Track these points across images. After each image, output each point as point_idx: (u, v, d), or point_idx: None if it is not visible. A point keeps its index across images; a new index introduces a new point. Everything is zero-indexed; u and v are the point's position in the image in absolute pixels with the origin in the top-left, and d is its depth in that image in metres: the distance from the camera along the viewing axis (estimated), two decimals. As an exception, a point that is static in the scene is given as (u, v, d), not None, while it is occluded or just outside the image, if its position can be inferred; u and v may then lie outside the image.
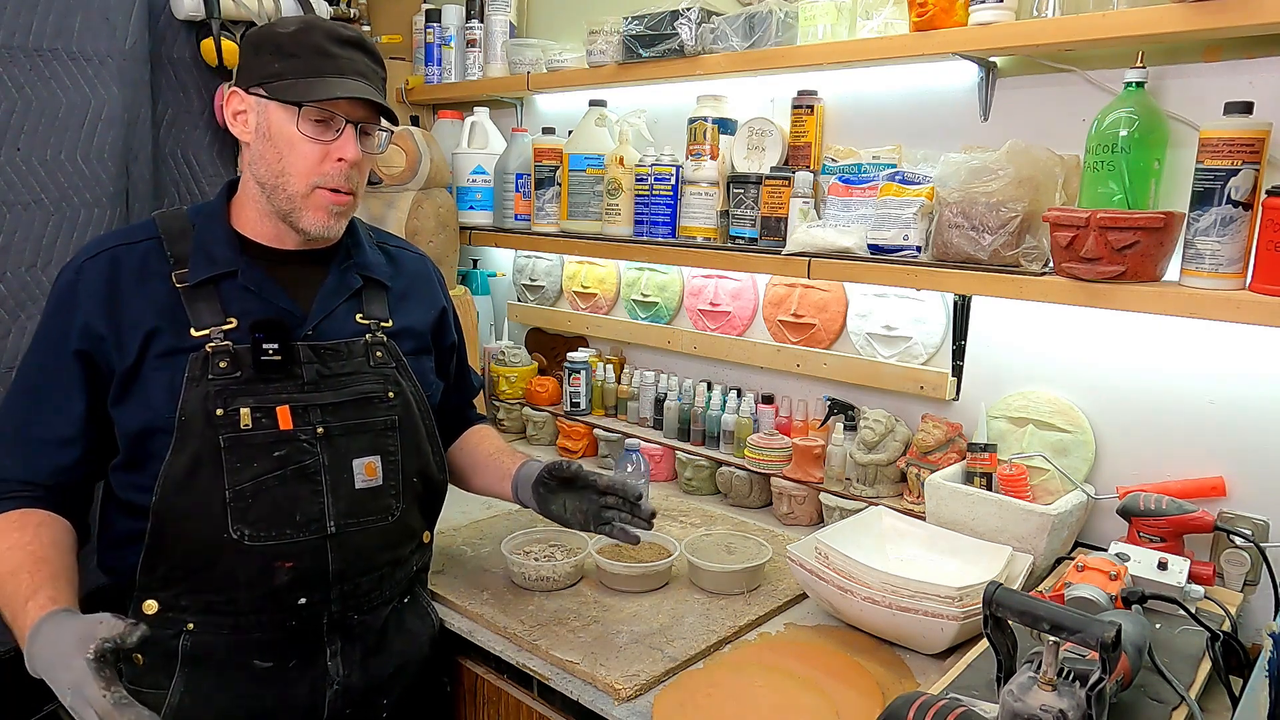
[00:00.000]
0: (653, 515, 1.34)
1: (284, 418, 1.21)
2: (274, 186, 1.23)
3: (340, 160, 1.22)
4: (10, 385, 1.25)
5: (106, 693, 0.94)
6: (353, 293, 1.33)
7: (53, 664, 0.98)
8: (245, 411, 1.19)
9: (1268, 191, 1.24)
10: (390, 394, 1.31)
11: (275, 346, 1.21)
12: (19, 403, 1.23)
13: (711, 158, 1.94)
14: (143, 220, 1.32)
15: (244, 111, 1.25)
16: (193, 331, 1.20)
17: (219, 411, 1.18)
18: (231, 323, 1.21)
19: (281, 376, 1.22)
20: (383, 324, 1.34)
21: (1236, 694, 1.15)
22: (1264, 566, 1.34)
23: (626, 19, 1.96)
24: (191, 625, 1.20)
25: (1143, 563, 1.31)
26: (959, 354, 1.74)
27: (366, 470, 1.27)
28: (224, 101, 1.27)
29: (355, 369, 1.29)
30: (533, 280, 2.54)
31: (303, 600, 1.23)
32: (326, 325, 1.29)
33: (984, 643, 1.15)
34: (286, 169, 1.22)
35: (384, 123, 1.28)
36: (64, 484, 1.22)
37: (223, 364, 1.19)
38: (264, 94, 1.21)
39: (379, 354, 1.31)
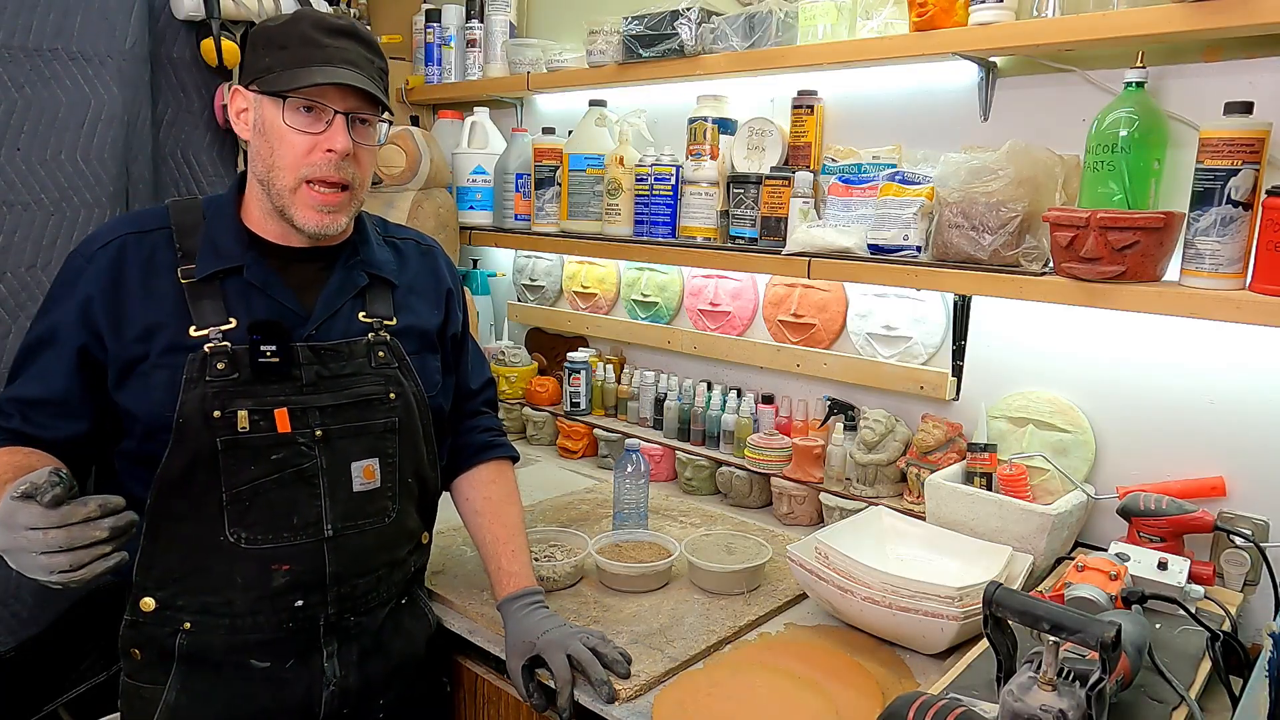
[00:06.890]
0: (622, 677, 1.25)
1: (282, 420, 1.20)
2: (268, 182, 1.22)
3: (329, 151, 1.19)
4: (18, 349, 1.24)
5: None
6: (357, 291, 1.31)
7: None
8: (243, 414, 1.18)
9: (1268, 191, 1.24)
10: (391, 395, 1.29)
11: (273, 349, 1.19)
12: (18, 365, 1.22)
13: (711, 158, 1.94)
14: (158, 207, 1.29)
15: (245, 109, 1.24)
16: (192, 330, 1.18)
17: (216, 414, 1.17)
18: (231, 323, 1.20)
19: (279, 379, 1.21)
20: (386, 322, 1.32)
21: (1236, 694, 1.15)
22: (1264, 566, 1.34)
23: (626, 19, 1.96)
24: (188, 625, 1.20)
25: (1143, 563, 1.31)
26: (959, 354, 1.74)
27: (365, 473, 1.26)
28: (228, 100, 1.27)
29: (356, 370, 1.27)
30: (533, 280, 2.54)
31: (299, 602, 1.22)
32: (329, 325, 1.27)
33: (984, 643, 1.15)
34: (276, 162, 1.20)
35: (384, 114, 1.25)
36: (56, 441, 1.19)
37: (221, 365, 1.18)
38: (258, 89, 1.20)
39: (381, 354, 1.30)
